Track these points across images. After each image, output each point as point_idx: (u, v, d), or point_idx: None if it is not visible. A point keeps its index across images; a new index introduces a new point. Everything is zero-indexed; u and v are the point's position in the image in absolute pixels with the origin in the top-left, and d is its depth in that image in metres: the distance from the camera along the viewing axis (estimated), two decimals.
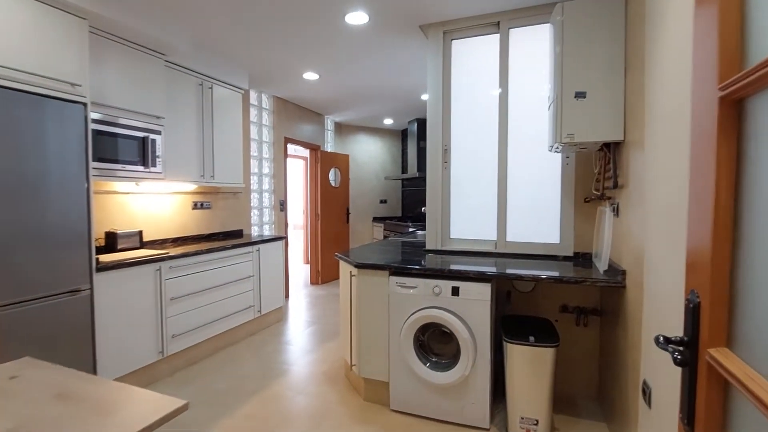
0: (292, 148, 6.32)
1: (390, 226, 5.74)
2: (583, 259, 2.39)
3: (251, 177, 4.35)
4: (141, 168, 2.66)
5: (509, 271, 2.06)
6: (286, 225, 4.99)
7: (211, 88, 3.35)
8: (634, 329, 1.66)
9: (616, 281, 1.81)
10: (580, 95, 1.86)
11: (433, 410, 2.18)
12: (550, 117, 2.09)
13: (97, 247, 2.70)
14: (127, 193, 2.97)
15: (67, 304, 2.09)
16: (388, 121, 6.08)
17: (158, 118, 2.81)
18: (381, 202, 6.65)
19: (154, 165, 2.74)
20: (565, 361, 2.46)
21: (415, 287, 2.18)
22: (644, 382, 1.49)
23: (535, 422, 1.93)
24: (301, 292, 5.20)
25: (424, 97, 4.61)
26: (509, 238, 2.58)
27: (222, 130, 3.48)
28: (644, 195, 1.53)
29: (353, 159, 6.36)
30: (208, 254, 3.00)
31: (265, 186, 4.62)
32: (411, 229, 4.81)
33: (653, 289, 1.42)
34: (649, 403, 1.43)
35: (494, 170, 2.61)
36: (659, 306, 1.35)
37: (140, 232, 2.93)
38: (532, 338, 1.92)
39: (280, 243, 3.89)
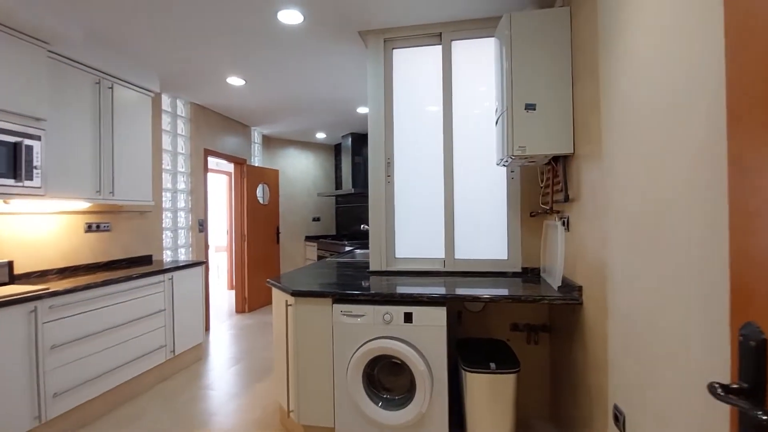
0: (213, 162, 5.75)
1: (325, 246, 5.42)
2: (531, 274, 2.34)
3: (164, 193, 3.78)
4: (10, 182, 2.08)
5: (465, 291, 1.92)
6: (207, 247, 4.43)
7: (111, 88, 2.82)
8: (596, 349, 1.59)
9: (572, 298, 1.75)
10: (530, 107, 1.82)
11: None
12: (499, 131, 2.03)
13: None
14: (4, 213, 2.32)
15: None
16: (320, 135, 5.83)
17: (37, 120, 2.25)
18: (314, 219, 6.30)
19: (29, 178, 2.16)
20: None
21: (363, 315, 1.93)
22: (616, 408, 1.40)
23: None
24: (225, 323, 4.62)
25: (361, 110, 4.46)
26: (457, 255, 2.47)
27: (125, 139, 2.95)
28: (604, 208, 1.48)
29: (283, 174, 5.96)
30: (103, 287, 2.44)
31: (181, 204, 4.05)
32: (348, 248, 4.55)
33: (620, 306, 1.35)
34: (623, 429, 1.34)
35: (440, 185, 2.49)
36: (631, 325, 1.28)
37: (10, 263, 2.30)
38: (492, 365, 1.77)
39: (199, 269, 3.38)
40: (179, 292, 3.13)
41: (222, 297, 6.00)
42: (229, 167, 6.31)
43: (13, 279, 2.37)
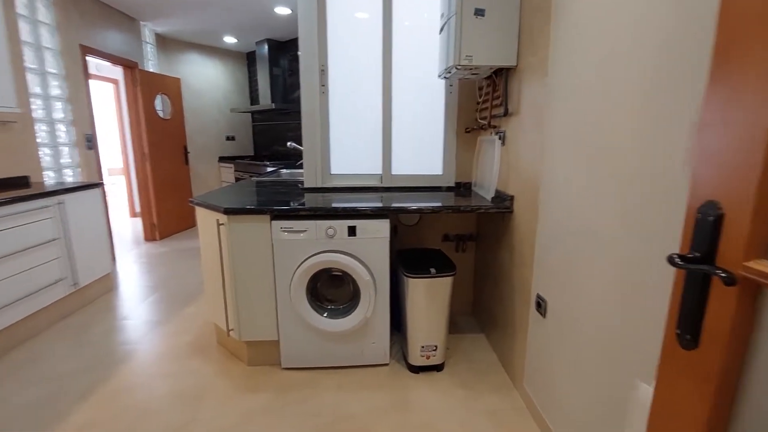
0: (94, 65, 4.71)
1: (243, 167, 5.02)
2: (464, 188, 2.46)
3: (33, 100, 3.03)
4: None
5: (406, 205, 1.95)
6: (100, 168, 3.80)
7: None
8: (523, 249, 1.78)
9: (505, 207, 1.89)
10: (479, 13, 1.74)
11: (331, 358, 2.03)
12: (444, 39, 1.93)
13: None
14: None
15: None
16: (230, 40, 5.05)
17: None
18: (228, 139, 5.72)
19: None
20: None
21: (305, 231, 1.87)
22: (538, 296, 1.62)
23: (434, 348, 1.98)
24: (133, 252, 4.19)
25: (280, 10, 3.90)
26: (394, 171, 2.46)
27: None
28: (544, 121, 1.55)
29: (186, 85, 5.17)
30: None
31: (59, 115, 3.31)
32: (271, 169, 4.28)
33: (552, 209, 1.49)
34: (544, 313, 1.57)
35: (377, 99, 2.37)
36: (559, 223, 1.43)
37: None
38: (432, 270, 1.89)
39: (96, 191, 2.91)
40: (74, 218, 2.69)
41: (124, 225, 5.38)
42: (116, 73, 5.26)
43: None
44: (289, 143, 3.36)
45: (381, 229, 1.88)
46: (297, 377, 1.98)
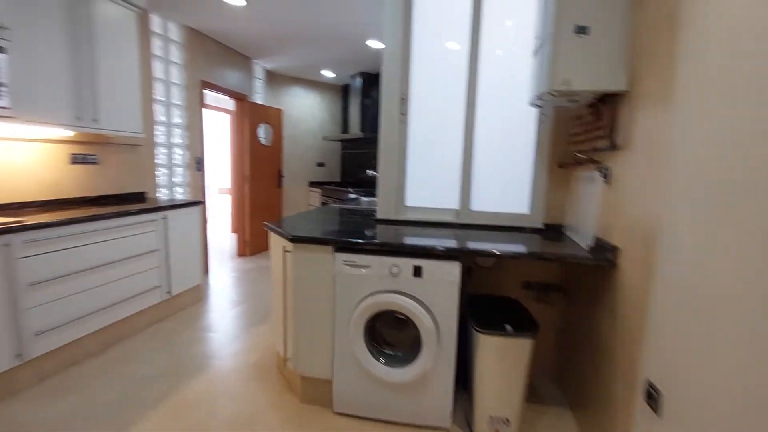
0: (214, 98, 5.38)
1: (329, 192, 5.20)
2: (554, 231, 2.13)
3: (157, 127, 3.50)
4: None
5: (482, 246, 1.71)
6: (205, 187, 4.23)
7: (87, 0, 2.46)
8: (630, 316, 1.41)
9: (606, 259, 1.55)
10: (581, 31, 1.49)
11: (386, 411, 1.83)
12: (539, 61, 1.71)
13: None
14: None
15: None
16: (328, 74, 5.38)
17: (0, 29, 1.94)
18: (318, 165, 6.03)
19: None
20: None
21: (368, 267, 1.74)
22: (649, 384, 1.24)
23: (506, 421, 1.66)
24: (226, 265, 4.53)
25: (372, 43, 4.02)
26: (473, 206, 2.24)
27: (109, 59, 2.62)
28: (665, 159, 1.22)
29: (287, 115, 5.60)
30: (86, 223, 2.26)
31: (177, 139, 3.78)
32: (353, 196, 4.33)
33: (678, 272, 1.14)
34: (656, 410, 1.19)
35: (459, 128, 2.21)
36: (694, 294, 1.07)
37: None
38: (509, 327, 1.61)
39: (196, 209, 3.20)
40: (174, 232, 2.97)
41: (224, 240, 5.91)
42: (231, 105, 5.94)
43: None
44: (368, 171, 3.34)
45: (450, 272, 1.67)
46: (347, 425, 1.82)
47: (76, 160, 2.77)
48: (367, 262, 1.74)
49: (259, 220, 5.01)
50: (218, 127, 7.26)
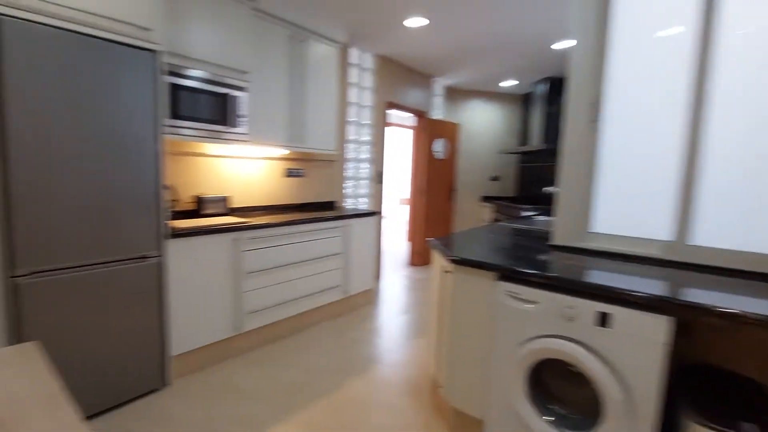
0: (399, 117, 5.85)
1: (502, 209, 4.91)
2: None
3: (348, 144, 3.99)
4: (222, 128, 2.43)
5: (710, 299, 1.23)
6: (384, 199, 4.58)
7: (303, 41, 2.98)
8: None
9: None
10: None
11: None
12: None
13: (185, 211, 2.61)
14: (219, 156, 2.83)
15: (134, 271, 1.95)
16: (508, 84, 5.12)
17: (243, 73, 2.54)
18: (492, 179, 5.78)
19: (236, 125, 2.49)
20: None
21: (537, 303, 1.49)
22: None
23: None
24: (398, 273, 4.79)
25: (558, 45, 3.60)
26: (695, 239, 1.67)
27: (315, 90, 3.13)
28: None
29: (463, 129, 5.59)
30: (290, 226, 2.71)
31: (363, 155, 4.23)
32: (526, 214, 3.94)
33: None
34: None
35: (676, 134, 1.69)
36: None
37: (225, 198, 2.77)
38: (750, 427, 1.10)
39: (373, 219, 3.47)
40: (355, 238, 3.29)
41: (400, 248, 6.31)
42: (409, 120, 6.33)
43: (230, 211, 2.88)
44: (544, 189, 2.95)
45: (655, 328, 1.26)
46: None
47: (289, 173, 3.39)
48: (535, 297, 1.49)
49: (431, 231, 5.13)
50: (400, 143, 7.87)
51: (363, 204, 4.30)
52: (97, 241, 1.81)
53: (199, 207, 2.66)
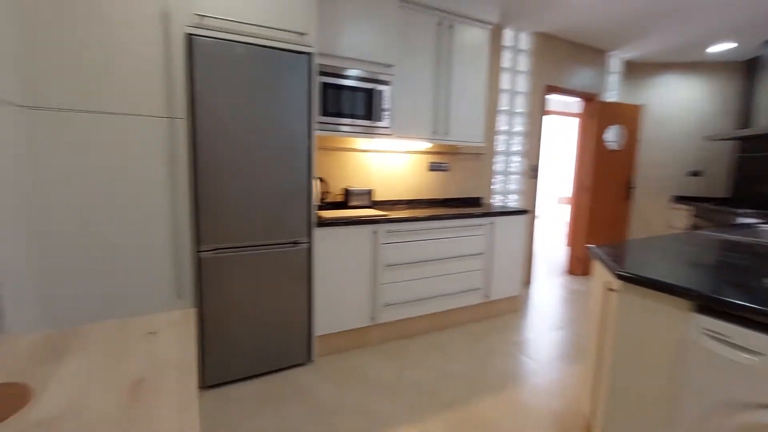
0: (558, 103, 5.14)
1: (704, 213, 3.78)
2: None
3: (498, 136, 3.67)
4: (366, 122, 2.49)
5: None
6: (536, 196, 4.07)
7: (451, 27, 2.83)
8: None
9: None
10: None
11: None
12: None
13: (334, 203, 2.80)
14: (365, 150, 2.94)
15: (288, 254, 2.16)
16: (720, 48, 3.88)
17: (387, 66, 2.55)
18: (691, 174, 4.52)
19: (380, 119, 2.52)
20: None
21: (760, 354, 1.00)
22: None
23: None
24: (553, 281, 4.22)
25: None
26: None
27: (461, 79, 2.94)
28: None
29: (648, 111, 4.52)
30: (429, 222, 2.62)
31: (514, 147, 3.83)
32: (745, 221, 2.90)
33: None
34: None
35: None
36: None
37: (370, 191, 2.86)
38: None
39: (522, 218, 3.10)
40: (501, 238, 3.00)
41: (557, 253, 5.59)
42: (577, 108, 5.48)
43: (373, 204, 2.96)
44: None
45: None
46: None
47: (433, 167, 3.31)
48: (758, 345, 1.00)
49: (597, 236, 4.35)
50: (560, 133, 6.93)
51: (513, 201, 3.91)
52: (261, 225, 2.07)
53: (347, 199, 2.81)
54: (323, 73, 2.31)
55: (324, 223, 2.26)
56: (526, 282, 4.03)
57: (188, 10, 1.80)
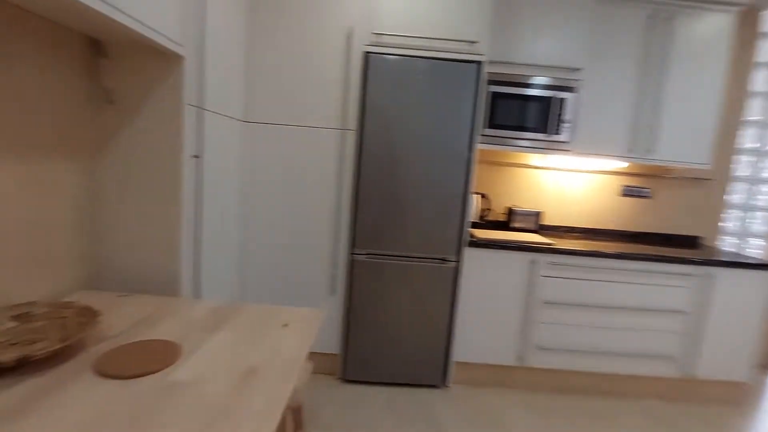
0: None
1: None
2: None
3: (738, 156, 2.70)
4: (540, 136, 2.19)
5: None
6: None
7: (669, 18, 2.21)
8: None
9: None
10: None
11: None
12: None
13: (495, 222, 2.60)
14: (537, 167, 2.61)
15: (435, 270, 2.09)
16: None
17: (573, 71, 2.17)
18: None
19: (556, 132, 2.18)
20: None
21: None
22: None
23: None
24: None
25: None
26: None
27: (679, 81, 2.27)
28: None
29: None
30: (608, 259, 2.12)
31: (766, 173, 2.74)
32: None
33: None
34: None
35: None
36: None
37: (538, 214, 2.52)
38: None
39: (764, 275, 2.18)
40: (722, 297, 2.19)
41: None
42: None
43: (540, 228, 2.59)
44: None
45: None
46: None
47: (627, 192, 2.69)
48: None
49: None
50: None
51: (755, 249, 2.81)
52: (411, 237, 2.07)
53: (510, 219, 2.55)
54: (492, 82, 2.15)
55: (476, 243, 2.09)
56: (764, 366, 2.84)
57: (368, 30, 1.94)
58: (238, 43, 1.86)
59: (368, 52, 1.94)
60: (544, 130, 2.17)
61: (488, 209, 2.62)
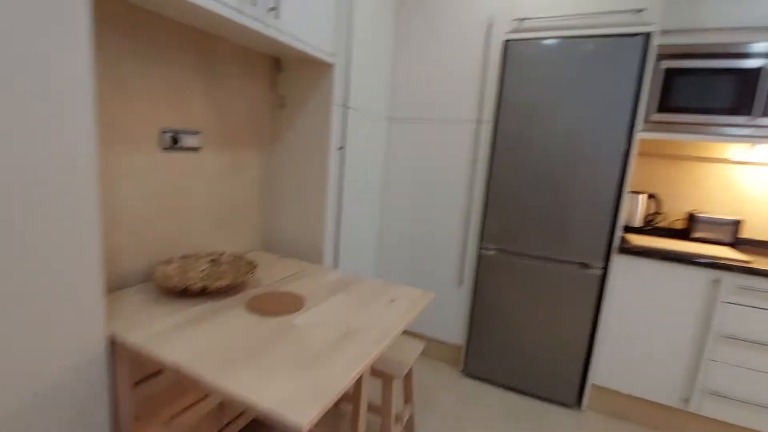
0: None
1: None
2: None
3: None
4: (741, 120, 1.69)
5: None
6: None
7: None
8: None
9: None
10: None
11: None
12: None
13: (667, 229, 2.17)
14: (737, 162, 2.02)
15: (574, 276, 1.88)
16: None
17: None
18: None
19: (765, 114, 1.64)
20: None
21: None
22: None
23: None
24: None
25: None
26: None
27: None
28: None
29: None
30: None
31: None
32: None
33: None
34: None
35: None
36: None
37: (736, 223, 1.97)
38: None
39: None
40: None
41: None
42: None
43: (737, 242, 1.99)
44: None
45: None
46: None
47: None
48: None
49: None
50: None
51: None
52: (546, 236, 1.91)
53: (690, 227, 2.06)
54: (667, 56, 1.76)
55: (630, 250, 1.78)
56: None
57: (508, 17, 1.87)
58: (385, 44, 2.06)
59: (508, 41, 1.86)
60: (748, 112, 1.67)
61: (658, 213, 2.17)
